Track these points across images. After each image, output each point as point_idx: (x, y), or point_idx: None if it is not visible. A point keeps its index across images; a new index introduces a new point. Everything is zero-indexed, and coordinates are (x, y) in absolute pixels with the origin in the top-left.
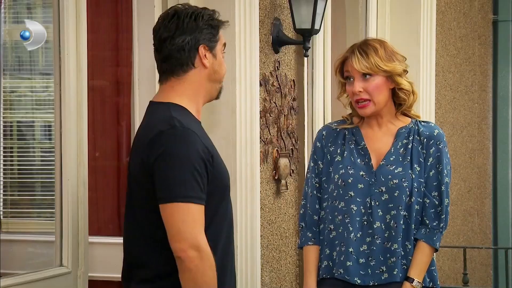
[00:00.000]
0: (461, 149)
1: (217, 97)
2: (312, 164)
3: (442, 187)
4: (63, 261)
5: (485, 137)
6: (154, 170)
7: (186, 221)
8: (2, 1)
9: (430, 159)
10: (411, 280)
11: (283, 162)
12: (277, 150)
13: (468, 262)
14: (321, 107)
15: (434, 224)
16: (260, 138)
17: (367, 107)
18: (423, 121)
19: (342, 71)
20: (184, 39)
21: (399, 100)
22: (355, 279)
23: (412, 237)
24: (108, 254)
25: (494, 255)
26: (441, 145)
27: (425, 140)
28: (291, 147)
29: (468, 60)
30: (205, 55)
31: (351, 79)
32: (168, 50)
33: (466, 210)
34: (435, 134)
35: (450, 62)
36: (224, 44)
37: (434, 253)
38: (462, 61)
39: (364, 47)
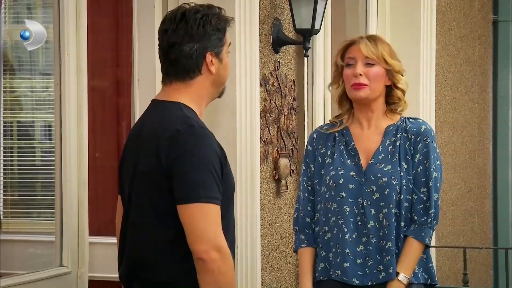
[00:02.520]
0: (461, 149)
1: (219, 96)
2: (304, 168)
3: (430, 182)
4: (63, 261)
5: (485, 137)
6: (173, 170)
7: (208, 222)
8: (2, 1)
9: (418, 155)
10: (396, 274)
11: (283, 162)
12: (277, 150)
13: (468, 262)
14: (321, 107)
15: (423, 219)
16: (260, 138)
17: (362, 89)
18: (411, 118)
19: (343, 57)
20: (192, 47)
21: (393, 99)
22: (353, 280)
23: (402, 235)
24: (108, 254)
25: (494, 255)
26: (428, 140)
27: (412, 136)
28: (291, 147)
29: (468, 60)
30: (212, 61)
31: (352, 64)
32: (175, 55)
33: (466, 210)
34: (422, 130)
35: (450, 62)
36: (229, 44)
37: (430, 250)
38: (462, 61)
39: (373, 37)
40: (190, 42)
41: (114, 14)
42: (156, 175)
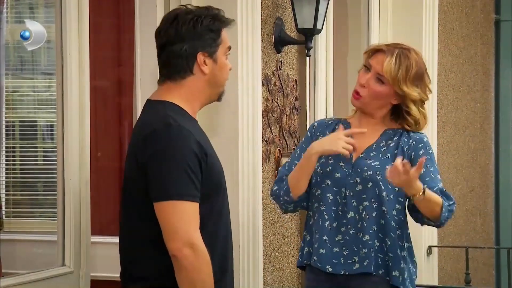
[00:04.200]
0: (463, 149)
1: (218, 100)
2: (298, 152)
3: (440, 184)
4: (65, 261)
5: (488, 137)
6: (147, 168)
7: (181, 219)
8: (4, 1)
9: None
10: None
11: (285, 162)
12: (279, 149)
13: (471, 262)
14: (323, 106)
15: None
16: (262, 137)
17: (357, 99)
18: (412, 132)
19: (370, 56)
20: (182, 47)
21: (406, 122)
22: (327, 267)
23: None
24: (110, 254)
25: (496, 255)
26: (430, 151)
27: (413, 142)
28: (293, 147)
29: (471, 60)
30: (204, 61)
31: (368, 70)
32: (166, 56)
33: (469, 210)
34: (424, 140)
35: (452, 62)
36: (229, 48)
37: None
38: (464, 61)
39: (403, 56)
40: (180, 42)
41: (116, 13)
42: (135, 174)
